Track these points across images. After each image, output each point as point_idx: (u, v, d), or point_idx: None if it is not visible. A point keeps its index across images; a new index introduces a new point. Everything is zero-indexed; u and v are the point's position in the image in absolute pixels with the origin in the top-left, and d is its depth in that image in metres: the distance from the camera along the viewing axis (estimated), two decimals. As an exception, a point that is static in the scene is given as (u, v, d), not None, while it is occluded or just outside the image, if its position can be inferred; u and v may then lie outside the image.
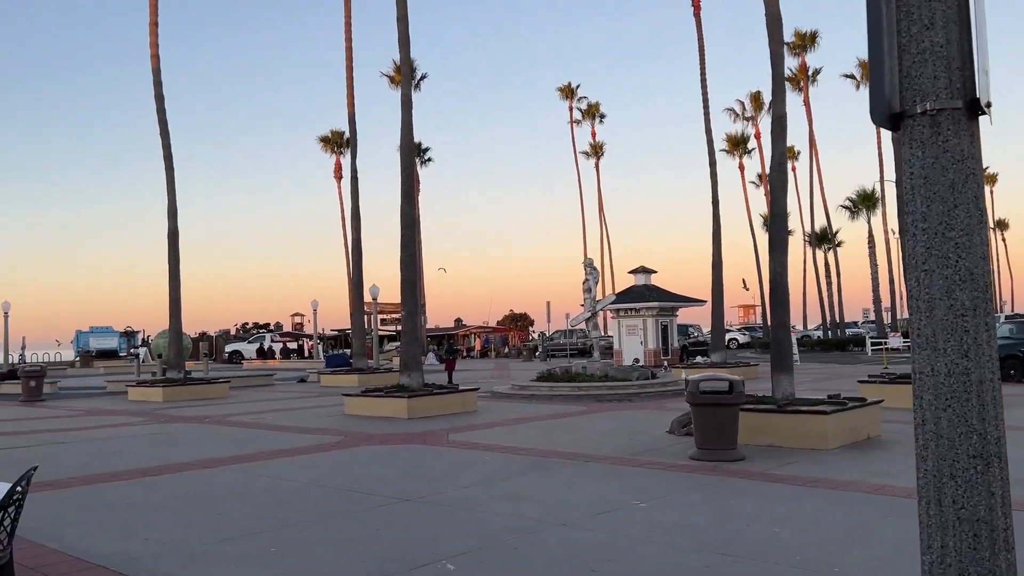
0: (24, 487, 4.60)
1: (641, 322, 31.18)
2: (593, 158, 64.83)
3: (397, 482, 8.67)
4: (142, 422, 15.70)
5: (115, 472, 9.61)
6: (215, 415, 16.67)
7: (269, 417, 16.08)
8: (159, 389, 20.98)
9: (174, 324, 22.61)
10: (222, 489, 8.49)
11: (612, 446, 10.87)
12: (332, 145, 57.63)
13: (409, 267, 16.88)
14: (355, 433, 13.03)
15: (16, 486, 4.48)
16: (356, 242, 27.49)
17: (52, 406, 20.37)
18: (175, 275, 22.61)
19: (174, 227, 22.74)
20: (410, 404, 15.14)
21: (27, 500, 8.35)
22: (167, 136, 22.82)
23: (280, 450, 11.28)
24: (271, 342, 53.16)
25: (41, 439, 13.11)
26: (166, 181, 22.74)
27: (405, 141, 16.83)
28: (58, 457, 11.03)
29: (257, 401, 20.42)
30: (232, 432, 13.72)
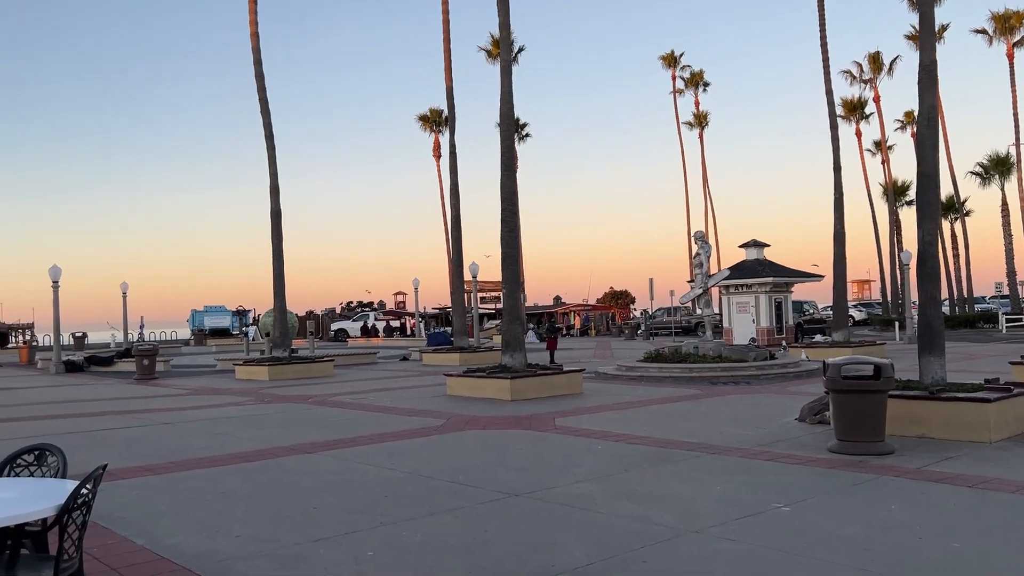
0: (91, 489, 4.08)
1: (753, 299, 29.57)
2: (697, 128, 62.47)
3: (504, 473, 7.96)
4: (246, 402, 15.64)
5: (213, 457, 9.29)
6: (318, 395, 16.48)
7: (371, 397, 15.75)
8: (265, 368, 21.11)
9: (278, 303, 22.71)
10: (319, 478, 7.99)
11: (737, 435, 9.85)
12: (431, 123, 57.55)
13: (509, 243, 16.15)
14: (457, 416, 12.45)
15: (81, 487, 3.95)
16: (455, 219, 27.02)
17: (163, 384, 20.78)
18: (278, 254, 22.67)
19: (276, 206, 22.78)
20: (513, 385, 14.46)
21: (126, 487, 8.12)
22: (268, 115, 22.82)
23: (381, 434, 10.79)
24: (375, 320, 53.85)
25: (147, 419, 13.11)
26: (268, 160, 22.79)
27: (505, 110, 16.05)
28: (160, 439, 10.88)
29: (360, 380, 20.24)
30: (334, 413, 13.39)
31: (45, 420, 13.37)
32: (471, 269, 30.26)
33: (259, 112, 22.79)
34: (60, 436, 11.27)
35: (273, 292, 22.69)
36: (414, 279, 41.56)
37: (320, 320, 57.26)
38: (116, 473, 8.37)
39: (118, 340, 40.83)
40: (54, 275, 26.93)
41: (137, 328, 49.30)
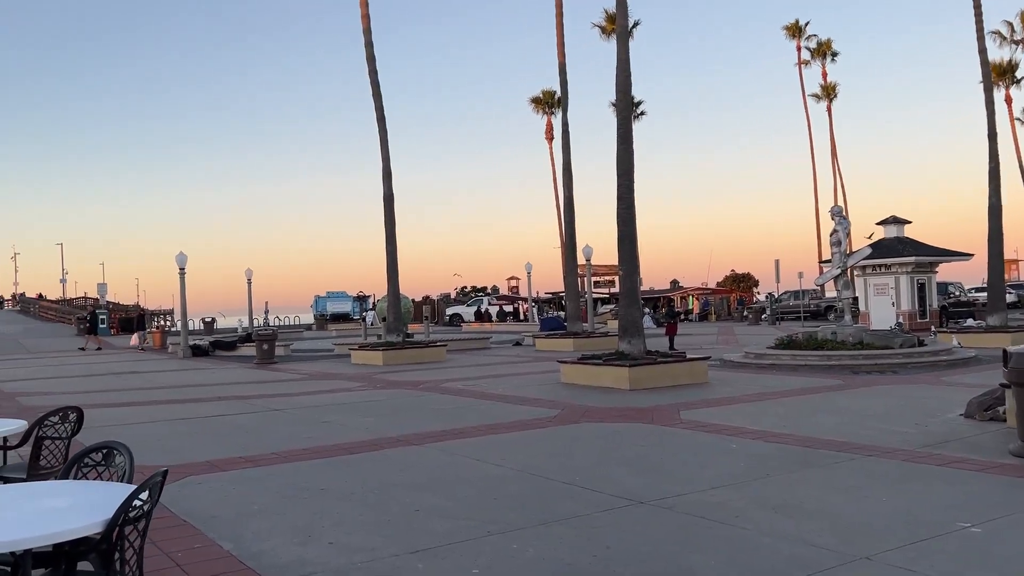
0: (149, 499, 3.49)
1: (892, 280, 27.28)
2: (824, 101, 58.92)
3: (625, 475, 7.08)
4: (358, 388, 15.36)
5: (317, 448, 8.84)
6: (430, 380, 16.04)
7: (483, 384, 15.15)
8: (379, 352, 20.95)
9: (392, 288, 22.53)
10: (424, 474, 7.35)
11: (895, 434, 8.58)
12: (543, 105, 56.74)
13: (626, 221, 15.13)
14: (572, 406, 11.63)
15: (134, 497, 3.37)
16: (568, 200, 26.13)
17: (281, 369, 20.96)
18: (391, 239, 22.46)
19: (389, 191, 22.56)
20: (632, 374, 13.50)
21: (225, 481, 7.75)
22: (379, 98, 22.59)
23: (492, 425, 10.10)
24: (488, 305, 53.74)
25: (258, 405, 12.94)
26: (380, 143, 22.58)
27: (621, 79, 15.01)
28: (268, 427, 10.59)
29: (472, 366, 19.74)
30: (444, 401, 12.84)
31: (161, 405, 13.45)
32: (584, 252, 29.33)
33: (371, 95, 22.60)
34: (172, 422, 11.20)
35: (387, 277, 22.52)
36: (527, 263, 41.05)
37: (435, 305, 57.70)
38: (218, 464, 8.03)
39: (244, 325, 42.31)
40: (180, 262, 27.84)
41: (262, 314, 51.08)
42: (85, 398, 14.84)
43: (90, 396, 15.27)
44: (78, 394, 15.67)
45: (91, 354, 31.72)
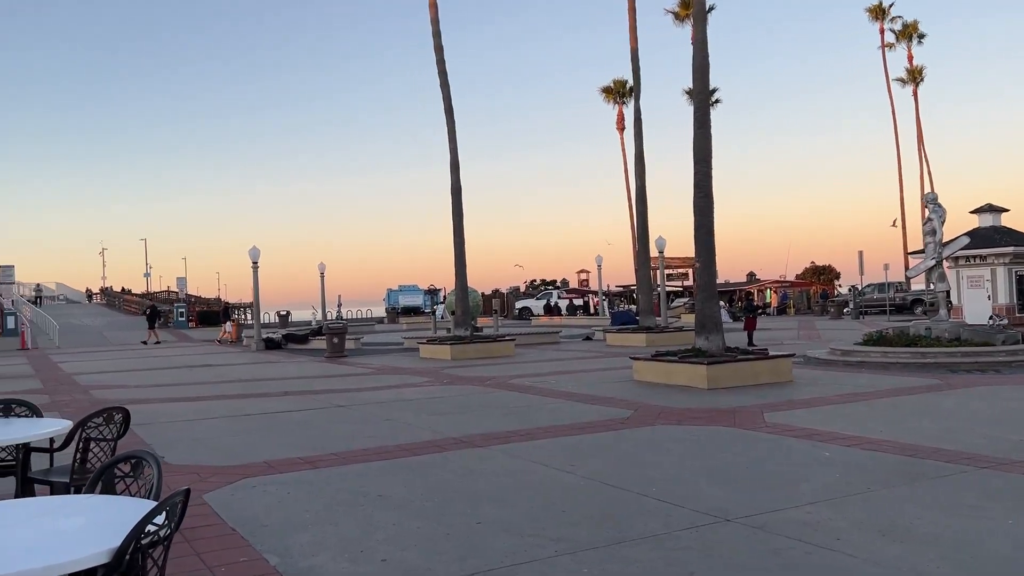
0: (168, 521, 3.06)
1: (988, 272, 25.58)
2: (910, 85, 56.19)
3: (708, 486, 6.45)
4: (424, 383, 15.02)
5: (377, 449, 8.45)
6: (497, 376, 15.59)
7: (552, 380, 14.62)
8: (447, 347, 20.64)
9: (459, 281, 22.18)
10: (487, 481, 6.86)
11: (1010, 443, 7.69)
12: (614, 95, 55.80)
13: (704, 211, 14.35)
14: (646, 406, 10.99)
15: (149, 520, 2.93)
16: (640, 190, 25.32)
17: (350, 363, 20.85)
18: (459, 232, 22.11)
19: (457, 183, 22.21)
20: (710, 372, 12.76)
21: (279, 484, 7.42)
22: (447, 88, 22.24)
23: (560, 426, 9.56)
24: (557, 298, 53.17)
25: (323, 401, 12.70)
26: (448, 135, 22.25)
27: (699, 60, 14.21)
28: (330, 425, 10.28)
29: (541, 361, 19.23)
30: (511, 399, 12.35)
31: (227, 400, 13.35)
32: (657, 244, 28.45)
33: (439, 86, 22.26)
34: (235, 418, 11.02)
35: (454, 269, 22.18)
36: (597, 256, 40.22)
37: (505, 298, 57.45)
38: (275, 465, 7.71)
39: (318, 319, 42.77)
40: (253, 256, 28.14)
41: (335, 307, 51.65)
42: (154, 392, 14.93)
43: (160, 390, 15.36)
44: (148, 387, 15.80)
45: (168, 346, 32.45)
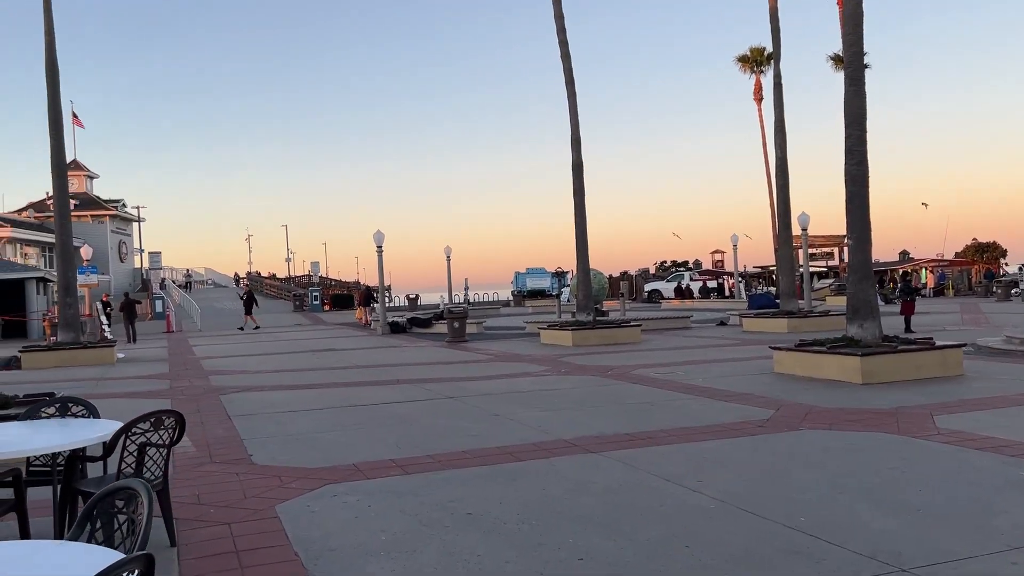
0: None
1: None
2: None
3: (872, 514, 5.13)
4: (541, 372, 14.07)
5: (477, 451, 7.54)
6: (620, 366, 14.43)
7: (681, 372, 13.33)
8: (568, 332, 19.63)
9: (581, 263, 21.07)
10: (598, 498, 5.79)
11: None
12: (750, 64, 52.60)
13: (857, 180, 12.59)
14: (789, 405, 9.57)
15: None
16: (781, 162, 23.28)
17: (469, 348, 20.22)
18: (580, 210, 20.98)
19: (578, 159, 21.06)
20: (866, 365, 11.12)
21: (363, 493, 6.60)
22: (568, 59, 21.07)
23: (688, 429, 8.34)
24: (690, 280, 50.97)
25: (432, 391, 11.98)
26: (568, 109, 21.10)
27: (851, 5, 12.40)
28: (433, 420, 9.47)
29: (670, 349, 17.88)
30: (634, 393, 11.19)
31: (337, 389, 12.89)
32: (800, 220, 26.24)
33: (559, 56, 21.14)
34: (340, 410, 10.44)
35: (576, 250, 21.09)
36: (732, 235, 38.06)
37: (633, 281, 55.73)
38: (363, 469, 6.95)
39: (445, 302, 42.83)
40: (377, 240, 28.10)
41: (462, 290, 51.73)
42: (271, 378, 14.73)
43: (277, 376, 15.18)
44: (266, 373, 15.68)
45: (301, 329, 33.12)
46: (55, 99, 19.73)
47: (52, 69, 19.79)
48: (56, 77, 19.83)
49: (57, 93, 19.78)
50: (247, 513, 5.70)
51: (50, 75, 19.75)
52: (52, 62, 19.80)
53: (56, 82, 19.79)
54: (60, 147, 19.69)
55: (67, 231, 20.05)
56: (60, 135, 19.75)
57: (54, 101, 19.70)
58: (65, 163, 19.89)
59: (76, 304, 19.81)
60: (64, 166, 19.85)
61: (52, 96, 19.69)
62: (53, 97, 19.70)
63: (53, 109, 19.70)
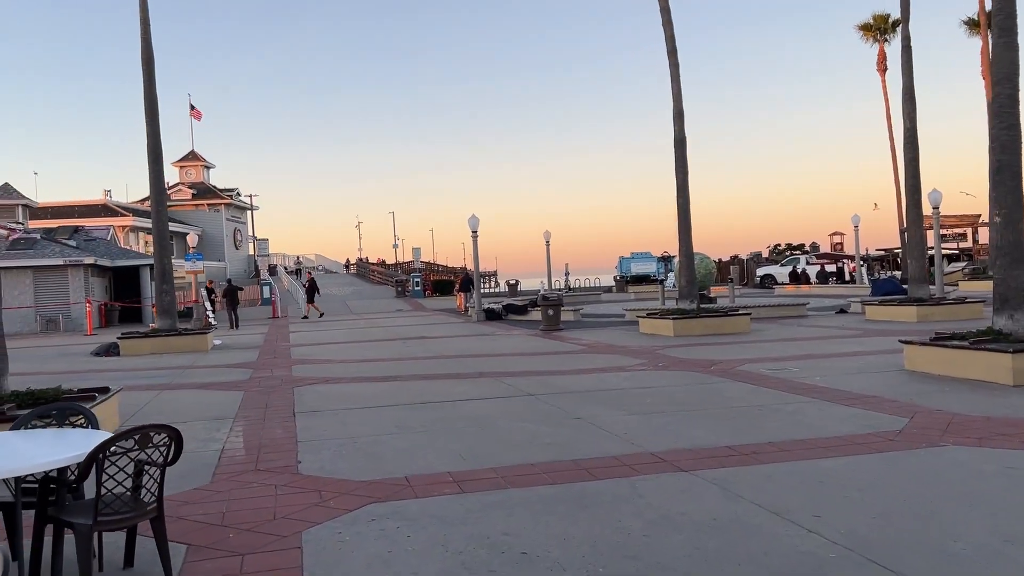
0: None
1: None
2: None
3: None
4: (635, 366, 12.87)
5: (548, 465, 6.51)
6: (725, 360, 13.07)
7: (794, 368, 11.87)
8: (669, 321, 18.27)
9: (684, 245, 19.60)
10: (686, 539, 4.66)
11: None
12: (873, 32, 49.15)
13: (1008, 147, 10.77)
14: (926, 412, 8.08)
15: None
16: (910, 133, 20.99)
17: (562, 337, 19.18)
18: (683, 189, 19.50)
19: (680, 133, 19.56)
20: (1018, 363, 9.42)
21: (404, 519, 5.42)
22: (670, 26, 19.56)
23: (802, 441, 7.05)
24: (806, 264, 48.02)
25: (514, 387, 10.99)
26: (671, 80, 19.60)
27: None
28: (506, 423, 8.49)
29: (782, 340, 16.29)
30: (738, 393, 9.89)
31: (417, 383, 12.11)
32: (931, 198, 23.81)
33: (660, 24, 19.66)
34: (411, 407, 9.62)
35: (678, 231, 19.63)
36: (853, 216, 35.35)
37: (744, 265, 53.17)
38: (416, 485, 6.05)
39: (545, 288, 41.92)
40: (472, 225, 27.37)
41: (562, 275, 50.65)
42: (352, 368, 14.14)
43: (359, 367, 14.59)
44: (350, 363, 15.13)
45: (401, 316, 32.91)
46: (151, 88, 19.86)
47: (148, 59, 19.91)
48: (152, 67, 19.95)
49: (152, 82, 19.90)
50: (269, 540, 4.89)
51: (146, 65, 19.88)
52: (148, 52, 19.92)
53: (152, 71, 19.92)
54: (156, 134, 19.81)
55: (163, 218, 20.20)
56: (156, 123, 19.88)
57: (150, 90, 19.83)
58: (161, 150, 20.01)
59: (172, 291, 19.95)
60: (160, 153, 19.96)
61: (148, 85, 19.83)
62: (149, 86, 19.83)
63: (149, 98, 19.84)
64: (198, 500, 5.86)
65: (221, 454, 7.42)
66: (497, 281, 73.41)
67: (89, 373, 15.21)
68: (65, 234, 37.17)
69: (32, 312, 31.81)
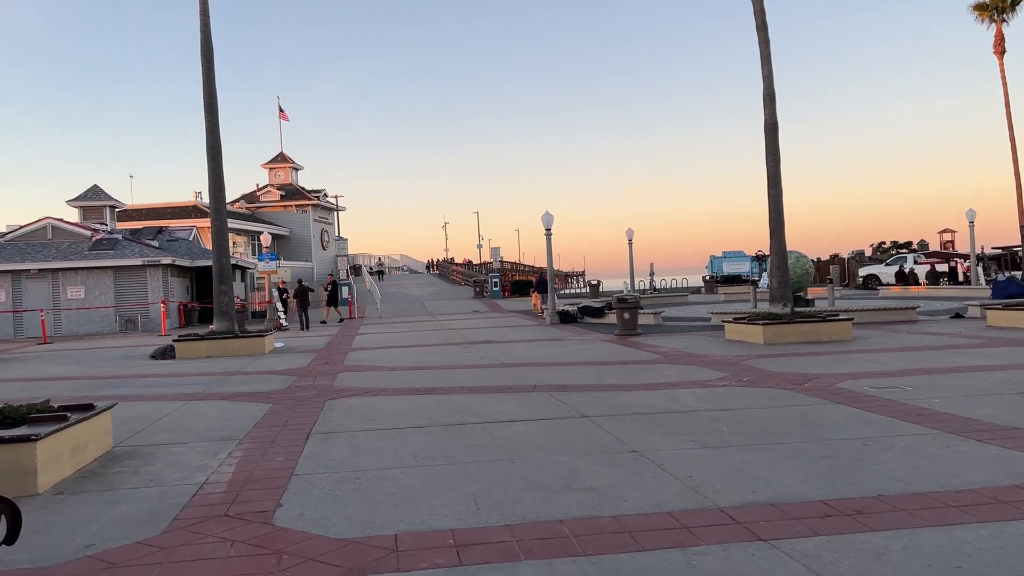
0: None
1: None
2: None
3: None
4: (714, 380, 11.16)
5: (584, 524, 5.00)
6: (822, 376, 11.22)
7: (908, 386, 9.97)
8: (758, 327, 16.38)
9: (776, 243, 17.61)
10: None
11: None
12: (990, 12, 45.08)
13: None
14: (1093, 455, 6.18)
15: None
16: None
17: (638, 344, 17.50)
18: (774, 179, 17.52)
19: (772, 118, 17.59)
20: None
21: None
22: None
23: (922, 495, 5.33)
24: (913, 264, 44.48)
25: (568, 407, 9.46)
26: (760, 58, 17.66)
27: None
28: (551, 456, 7.00)
29: (890, 350, 14.21)
30: (839, 419, 8.13)
31: (462, 396, 10.74)
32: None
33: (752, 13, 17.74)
34: (445, 429, 8.27)
35: (769, 226, 17.66)
36: (968, 210, 32.18)
37: (845, 264, 49.85)
38: (402, 550, 4.68)
39: (628, 288, 40.09)
40: (546, 223, 25.94)
41: (647, 276, 48.60)
42: (400, 378, 12.91)
43: (406, 376, 13.37)
44: (401, 371, 13.92)
45: (475, 317, 31.76)
46: (210, 82, 19.27)
47: (207, 52, 19.33)
48: (211, 60, 19.36)
49: (212, 76, 19.31)
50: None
51: (205, 58, 19.31)
52: (207, 45, 19.34)
53: (211, 65, 19.33)
54: (215, 130, 19.20)
55: (222, 217, 19.58)
56: (215, 118, 19.27)
57: (209, 84, 19.24)
58: (220, 147, 19.38)
59: (231, 292, 19.29)
60: (219, 150, 19.34)
61: (207, 79, 19.25)
62: (208, 80, 19.24)
63: (208, 92, 19.25)
64: (130, 561, 4.64)
65: (199, 490, 6.22)
66: (585, 281, 71.87)
67: (132, 378, 14.54)
68: (149, 235, 37.67)
69: (112, 312, 32.17)
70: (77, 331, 31.76)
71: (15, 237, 33.94)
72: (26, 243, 33.58)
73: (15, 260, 31.73)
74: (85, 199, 36.65)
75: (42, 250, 32.71)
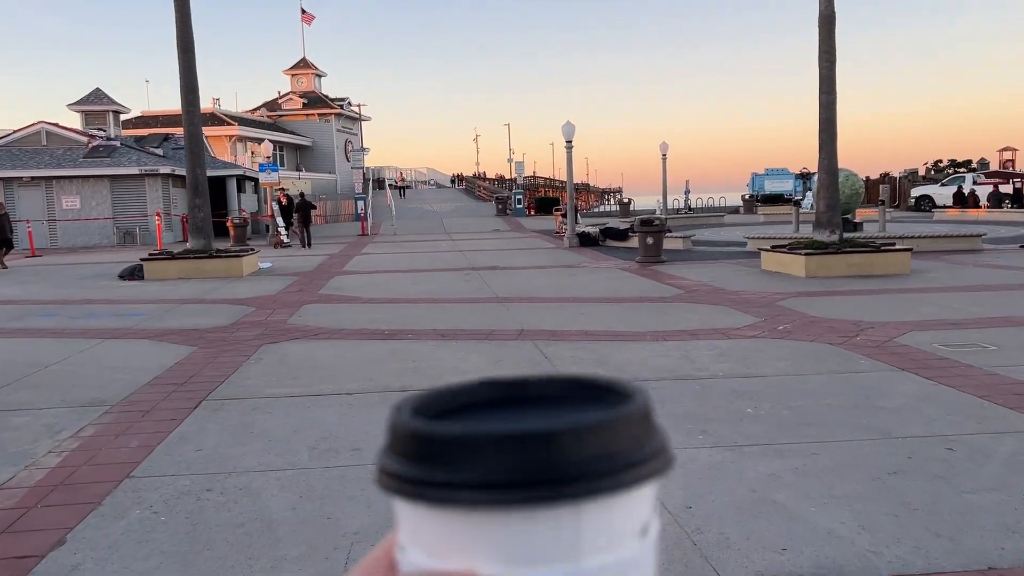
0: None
1: None
2: None
3: None
4: (744, 329, 9.00)
5: None
6: (876, 323, 9.02)
7: (986, 341, 7.77)
8: (800, 258, 14.07)
9: (825, 158, 15.06)
10: None
11: None
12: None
13: None
14: None
15: None
16: None
17: (660, 273, 15.30)
18: (828, 82, 14.83)
19: (828, 7, 14.78)
20: None
21: None
22: None
23: None
24: (973, 184, 41.01)
25: (550, 360, 7.44)
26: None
27: None
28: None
29: (958, 290, 11.88)
30: (902, 399, 6.00)
31: (429, 343, 8.76)
32: None
33: None
34: (380, 399, 6.32)
35: (819, 141, 15.11)
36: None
37: (896, 184, 46.44)
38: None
39: (661, 207, 37.61)
40: (567, 134, 23.42)
41: (682, 194, 45.84)
42: (367, 312, 10.97)
43: (380, 309, 11.42)
44: (374, 303, 11.97)
45: (491, 237, 29.68)
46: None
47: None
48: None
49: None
50: None
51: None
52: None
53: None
54: (185, 19, 16.90)
55: (195, 119, 17.49)
56: (186, 4, 16.94)
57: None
58: (192, 40, 17.08)
59: (206, 206, 17.37)
60: (190, 42, 17.02)
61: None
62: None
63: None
64: None
65: (-18, 500, 4.37)
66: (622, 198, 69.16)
67: (75, 304, 12.83)
68: (154, 143, 35.77)
69: (110, 224, 30.59)
70: (73, 243, 30.29)
71: (7, 143, 32.08)
72: (19, 149, 31.79)
73: (6, 167, 30.03)
74: (87, 103, 34.63)
75: (35, 156, 30.96)
